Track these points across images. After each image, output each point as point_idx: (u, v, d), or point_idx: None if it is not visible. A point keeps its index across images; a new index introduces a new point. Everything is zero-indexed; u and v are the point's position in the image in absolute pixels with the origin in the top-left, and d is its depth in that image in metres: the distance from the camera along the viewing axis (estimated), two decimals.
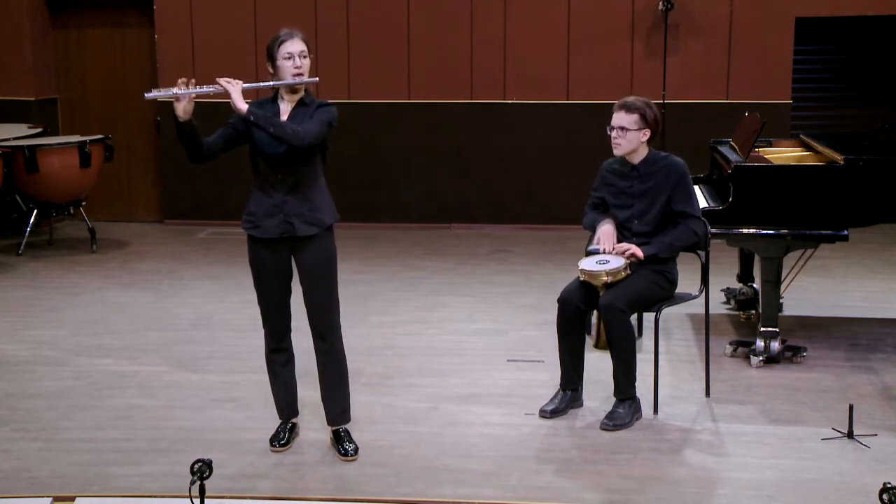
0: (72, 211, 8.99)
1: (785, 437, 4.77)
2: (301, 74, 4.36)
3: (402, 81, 9.65)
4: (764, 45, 9.26)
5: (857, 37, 9.60)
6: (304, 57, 4.37)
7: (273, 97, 4.48)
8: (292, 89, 4.42)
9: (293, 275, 4.56)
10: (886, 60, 9.63)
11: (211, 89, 4.26)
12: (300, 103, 4.44)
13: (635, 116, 4.96)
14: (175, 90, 4.18)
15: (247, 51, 9.64)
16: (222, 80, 4.27)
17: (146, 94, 4.29)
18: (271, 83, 4.40)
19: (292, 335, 4.69)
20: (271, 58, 4.40)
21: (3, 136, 8.76)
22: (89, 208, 9.10)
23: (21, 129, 9.23)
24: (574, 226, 6.66)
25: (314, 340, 4.59)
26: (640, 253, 4.93)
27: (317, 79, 4.46)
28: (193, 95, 4.20)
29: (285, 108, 4.44)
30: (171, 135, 4.51)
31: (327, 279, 4.52)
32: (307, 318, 4.56)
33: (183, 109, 4.20)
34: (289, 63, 4.35)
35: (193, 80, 4.24)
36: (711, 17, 9.28)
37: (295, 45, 4.35)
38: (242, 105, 4.24)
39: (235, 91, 4.25)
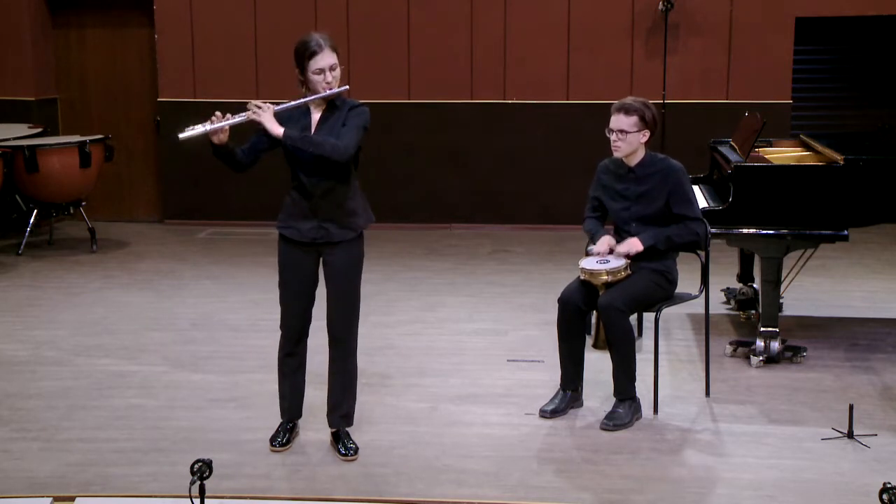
0: (72, 211, 8.99)
1: (785, 437, 4.77)
2: (332, 86, 4.37)
3: (402, 81, 9.65)
4: (764, 45, 9.26)
5: (857, 37, 9.60)
6: (335, 69, 4.36)
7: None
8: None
9: (319, 282, 4.56)
10: (886, 60, 9.63)
11: (242, 118, 4.31)
12: (331, 106, 4.44)
13: (634, 118, 4.95)
14: (207, 126, 4.24)
15: (247, 51, 9.65)
16: (252, 106, 4.30)
17: (180, 136, 4.31)
18: (301, 101, 4.39)
19: (306, 340, 4.68)
20: (301, 67, 4.38)
21: (3, 136, 8.76)
22: (89, 208, 9.09)
23: (21, 129, 9.23)
24: (574, 226, 6.66)
25: (329, 343, 4.58)
26: (638, 245, 4.93)
27: (347, 87, 4.44)
28: (226, 127, 4.25)
29: (316, 115, 4.44)
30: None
31: (352, 285, 4.52)
32: (325, 320, 4.55)
33: (218, 140, 4.28)
34: (319, 77, 4.34)
35: (228, 115, 4.29)
36: (711, 17, 9.28)
37: (325, 60, 4.33)
38: (278, 130, 4.27)
39: (267, 118, 4.28)
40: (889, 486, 3.34)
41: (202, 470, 3.49)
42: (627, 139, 4.96)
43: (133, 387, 5.50)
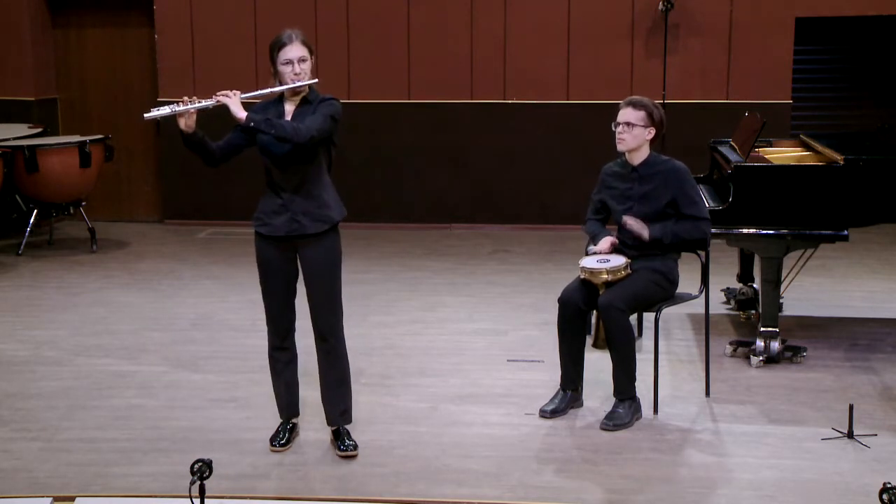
0: (72, 211, 8.99)
1: (785, 437, 4.77)
2: (300, 78, 4.39)
3: (402, 81, 9.65)
4: (764, 45, 9.26)
5: (857, 37, 9.60)
6: (304, 62, 4.41)
7: (278, 98, 4.52)
8: (294, 91, 4.45)
9: (299, 275, 4.58)
10: (886, 60, 9.63)
11: (210, 103, 4.32)
12: (303, 102, 4.48)
13: (642, 113, 4.98)
14: (173, 108, 4.24)
15: (247, 51, 9.64)
16: (220, 94, 4.33)
17: (145, 115, 4.31)
18: (269, 90, 4.45)
19: (294, 334, 4.70)
20: (272, 59, 4.44)
21: (3, 136, 8.75)
22: (89, 208, 9.09)
23: (21, 129, 9.22)
24: (574, 226, 6.67)
25: (316, 341, 4.60)
26: (645, 233, 4.93)
27: (316, 80, 4.48)
28: (193, 111, 4.25)
29: (289, 108, 4.48)
30: (171, 135, 4.52)
31: (331, 279, 4.54)
32: (310, 318, 4.57)
33: (185, 124, 4.28)
34: (288, 69, 4.40)
35: (195, 98, 4.30)
36: (711, 17, 9.28)
37: (293, 51, 4.39)
38: (241, 114, 4.30)
39: (233, 102, 4.31)
40: (889, 486, 3.34)
41: (202, 470, 3.49)
42: (633, 132, 4.98)
43: (133, 387, 5.50)
